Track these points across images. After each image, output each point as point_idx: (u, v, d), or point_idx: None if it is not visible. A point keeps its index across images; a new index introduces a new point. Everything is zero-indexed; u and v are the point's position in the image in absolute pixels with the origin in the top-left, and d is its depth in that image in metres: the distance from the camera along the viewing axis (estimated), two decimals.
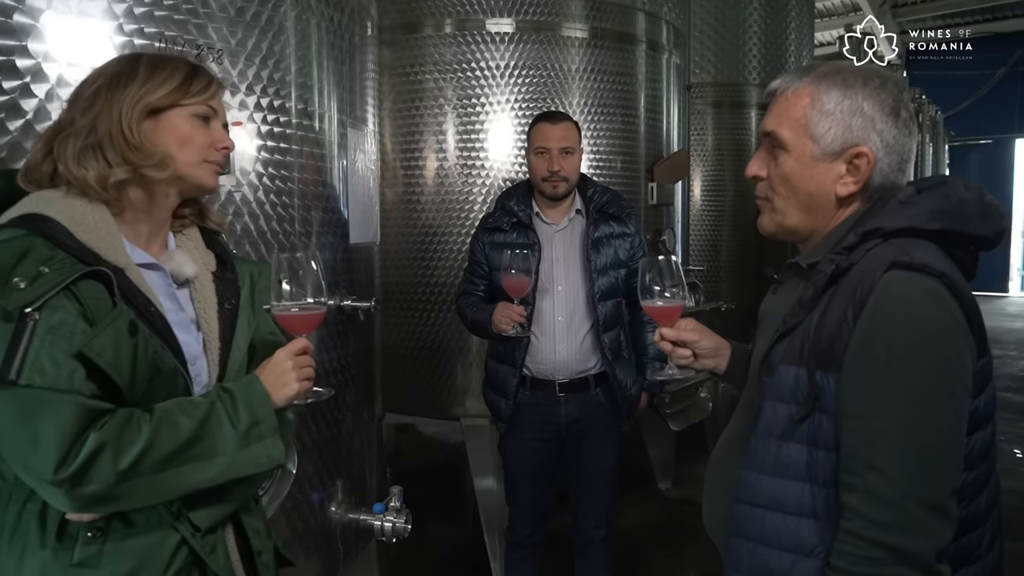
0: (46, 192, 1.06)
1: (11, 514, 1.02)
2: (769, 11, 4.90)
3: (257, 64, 1.64)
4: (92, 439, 0.95)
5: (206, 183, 1.16)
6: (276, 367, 1.13)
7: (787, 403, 1.08)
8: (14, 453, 0.95)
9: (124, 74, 1.09)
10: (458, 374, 3.04)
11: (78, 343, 0.96)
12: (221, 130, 1.17)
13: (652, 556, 3.46)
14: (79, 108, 1.08)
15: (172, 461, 1.00)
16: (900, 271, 1.00)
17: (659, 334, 1.35)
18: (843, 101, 1.10)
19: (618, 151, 3.15)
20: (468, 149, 3.01)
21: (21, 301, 0.93)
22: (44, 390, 0.94)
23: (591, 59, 3.08)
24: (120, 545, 1.04)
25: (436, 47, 2.98)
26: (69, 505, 0.97)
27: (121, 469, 0.96)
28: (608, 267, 2.33)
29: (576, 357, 2.33)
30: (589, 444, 2.39)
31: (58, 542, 1.01)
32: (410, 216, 3.06)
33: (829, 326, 1.04)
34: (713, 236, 4.90)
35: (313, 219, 1.89)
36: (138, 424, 0.99)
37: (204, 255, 1.22)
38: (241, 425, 1.06)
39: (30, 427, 0.93)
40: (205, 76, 1.15)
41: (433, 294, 3.03)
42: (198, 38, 1.49)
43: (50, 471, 0.92)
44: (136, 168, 1.06)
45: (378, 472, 2.32)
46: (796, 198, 1.15)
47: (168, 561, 1.07)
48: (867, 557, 0.98)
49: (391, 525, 2.01)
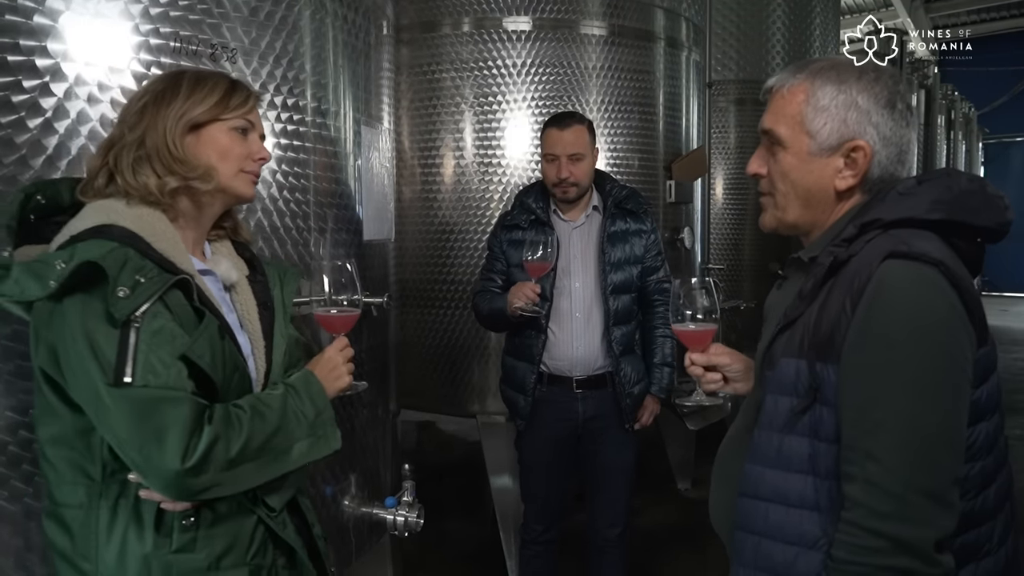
0: (108, 202, 1.13)
1: (104, 511, 1.10)
2: (793, 7, 4.84)
3: (271, 63, 1.66)
4: (207, 432, 1.04)
5: (244, 193, 1.24)
6: (328, 362, 1.26)
7: (788, 396, 1.08)
8: (138, 449, 1.02)
9: (168, 91, 1.17)
10: (475, 372, 3.05)
11: (179, 346, 1.06)
12: (258, 142, 1.25)
13: (671, 557, 3.43)
14: (128, 124, 1.16)
15: (263, 450, 1.11)
16: (897, 260, 1.00)
17: (689, 359, 1.33)
18: (838, 96, 1.11)
19: (636, 149, 3.14)
20: (485, 147, 3.02)
21: (127, 309, 1.02)
22: (161, 389, 1.03)
23: (609, 57, 3.07)
24: (211, 530, 1.14)
25: (454, 46, 3.00)
26: (184, 494, 1.05)
27: (229, 459, 1.06)
28: (623, 262, 2.32)
29: (594, 353, 2.33)
30: (606, 441, 2.39)
31: (157, 533, 1.10)
32: (428, 214, 3.07)
33: (828, 318, 1.04)
34: (735, 235, 4.85)
35: (327, 216, 1.92)
36: (237, 418, 1.09)
37: (237, 261, 1.30)
38: (309, 416, 1.17)
39: (154, 424, 1.01)
40: (243, 91, 1.23)
41: (450, 292, 3.04)
42: (213, 37, 1.51)
43: (177, 462, 1.01)
44: (185, 179, 1.15)
45: (392, 468, 2.34)
46: (795, 193, 1.16)
47: (250, 540, 1.19)
48: (867, 547, 0.98)
49: (403, 519, 2.02)
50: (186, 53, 1.46)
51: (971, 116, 12.84)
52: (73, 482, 1.11)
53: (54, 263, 1.02)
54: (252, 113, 1.23)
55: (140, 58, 1.40)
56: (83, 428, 1.09)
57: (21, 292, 1.03)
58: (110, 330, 1.03)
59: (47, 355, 1.07)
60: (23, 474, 1.30)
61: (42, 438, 1.13)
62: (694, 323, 1.33)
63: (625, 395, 2.35)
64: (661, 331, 2.41)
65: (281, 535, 1.23)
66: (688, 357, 1.33)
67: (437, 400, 3.18)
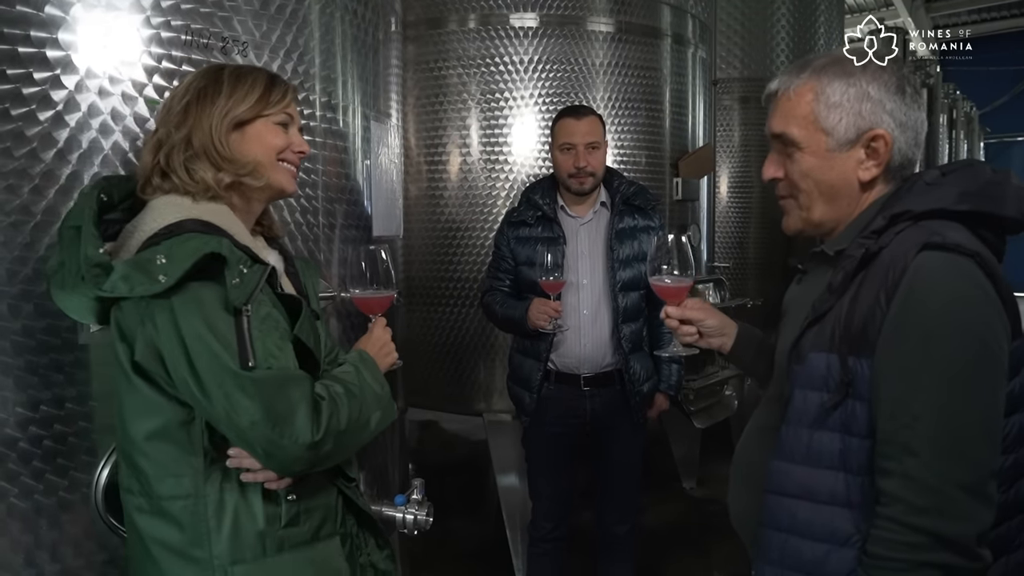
0: (174, 197, 1.16)
1: (212, 498, 1.14)
2: (798, 5, 4.82)
3: (281, 57, 1.65)
4: (325, 407, 1.11)
5: (285, 187, 1.28)
6: (378, 340, 1.35)
7: (818, 391, 1.07)
8: (271, 428, 1.05)
9: (209, 88, 1.19)
10: (481, 370, 3.04)
11: (284, 330, 1.13)
12: (298, 135, 1.28)
13: (676, 555, 3.42)
14: (173, 122, 1.18)
15: (356, 422, 1.16)
16: (933, 251, 1.00)
17: (665, 312, 1.38)
18: (848, 90, 1.11)
19: (643, 146, 3.13)
20: (492, 144, 3.00)
21: (244, 297, 1.07)
22: (283, 370, 1.09)
23: (616, 53, 3.06)
24: (309, 503, 1.21)
25: (460, 42, 2.98)
26: (307, 466, 1.10)
27: (340, 430, 1.12)
28: (631, 259, 2.31)
29: (601, 350, 2.31)
30: (614, 438, 2.38)
31: (267, 510, 1.16)
32: (434, 212, 3.06)
33: (861, 311, 1.03)
34: (740, 233, 4.84)
35: (337, 211, 1.90)
36: (336, 393, 1.15)
37: (275, 253, 1.34)
38: (376, 390, 1.24)
39: (285, 403, 1.06)
40: (282, 85, 1.26)
41: (457, 289, 3.03)
42: (224, 30, 1.50)
43: (308, 436, 1.06)
44: (236, 175, 1.19)
45: (400, 465, 2.32)
46: (819, 191, 1.15)
47: (335, 509, 1.27)
48: (906, 543, 0.97)
49: (412, 517, 2.00)
50: (197, 46, 1.45)
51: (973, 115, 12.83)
52: (177, 474, 1.13)
53: (155, 259, 1.04)
54: (291, 106, 1.26)
55: (151, 51, 1.39)
56: (184, 420, 1.13)
57: (130, 289, 1.05)
58: (228, 318, 1.07)
59: (147, 351, 1.09)
60: (34, 471, 1.29)
61: (137, 435, 1.14)
62: (670, 278, 1.38)
63: (635, 392, 2.33)
64: None
65: (357, 503, 1.31)
66: (664, 310, 1.39)
67: (443, 398, 3.17)
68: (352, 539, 1.32)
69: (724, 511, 1.34)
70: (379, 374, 1.28)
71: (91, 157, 1.33)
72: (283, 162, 1.25)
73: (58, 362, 1.30)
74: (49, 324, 1.28)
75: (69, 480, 1.33)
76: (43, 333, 1.28)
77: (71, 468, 1.33)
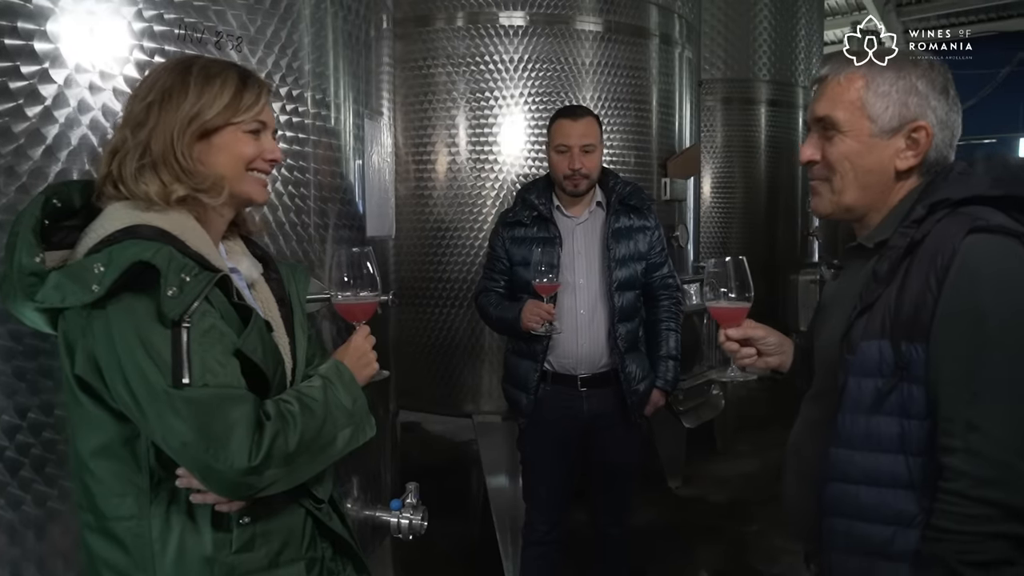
0: (129, 203, 1.08)
1: (156, 520, 1.07)
2: (779, 7, 4.88)
3: (276, 52, 1.61)
4: (269, 428, 1.02)
5: (255, 197, 1.20)
6: (357, 350, 1.25)
7: (873, 377, 1.10)
8: (203, 450, 0.98)
9: (175, 89, 1.10)
10: (470, 371, 3.01)
11: (230, 343, 1.04)
12: (270, 140, 1.20)
13: (663, 554, 3.43)
14: (131, 124, 1.10)
15: (314, 443, 1.08)
16: (980, 234, 1.03)
17: (724, 335, 1.34)
18: (897, 81, 1.15)
19: (631, 146, 3.12)
20: (480, 144, 2.98)
21: (179, 309, 0.99)
22: (222, 388, 1.00)
23: (604, 53, 3.05)
24: (267, 526, 1.13)
25: (448, 40, 2.95)
26: (247, 492, 1.02)
27: (288, 453, 1.04)
28: (628, 259, 2.30)
29: (598, 351, 2.30)
30: (610, 439, 2.37)
31: (215, 534, 1.08)
32: (422, 211, 3.03)
33: (910, 296, 1.06)
34: (723, 233, 4.88)
35: (330, 211, 1.86)
36: (289, 412, 1.07)
37: (251, 259, 1.26)
38: (347, 405, 1.16)
39: (220, 423, 0.98)
40: (255, 86, 1.15)
41: (445, 290, 3.00)
42: (218, 25, 1.46)
43: (244, 461, 0.98)
44: (193, 189, 1.10)
45: (393, 469, 2.29)
46: (855, 175, 1.18)
47: (302, 532, 1.19)
48: (974, 515, 0.99)
49: (407, 522, 1.97)
50: (192, 41, 1.41)
51: None
52: (121, 493, 1.07)
53: (92, 267, 0.98)
54: (264, 111, 1.17)
55: (144, 45, 1.34)
56: (128, 436, 1.06)
57: (62, 299, 0.99)
58: (163, 331, 0.99)
59: (86, 363, 1.02)
60: (22, 481, 1.25)
61: (83, 451, 1.08)
62: (727, 300, 1.34)
63: (631, 392, 2.32)
64: (665, 325, 2.41)
65: (329, 525, 1.23)
66: (723, 333, 1.34)
67: (431, 400, 3.14)
68: (323, 564, 1.23)
69: (709, 510, 1.36)
70: (355, 387, 1.19)
71: (81, 155, 1.28)
72: (253, 171, 1.16)
73: (47, 367, 1.25)
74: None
75: (58, 489, 1.28)
76: (31, 337, 1.23)
77: (60, 477, 1.28)
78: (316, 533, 1.22)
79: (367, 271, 1.36)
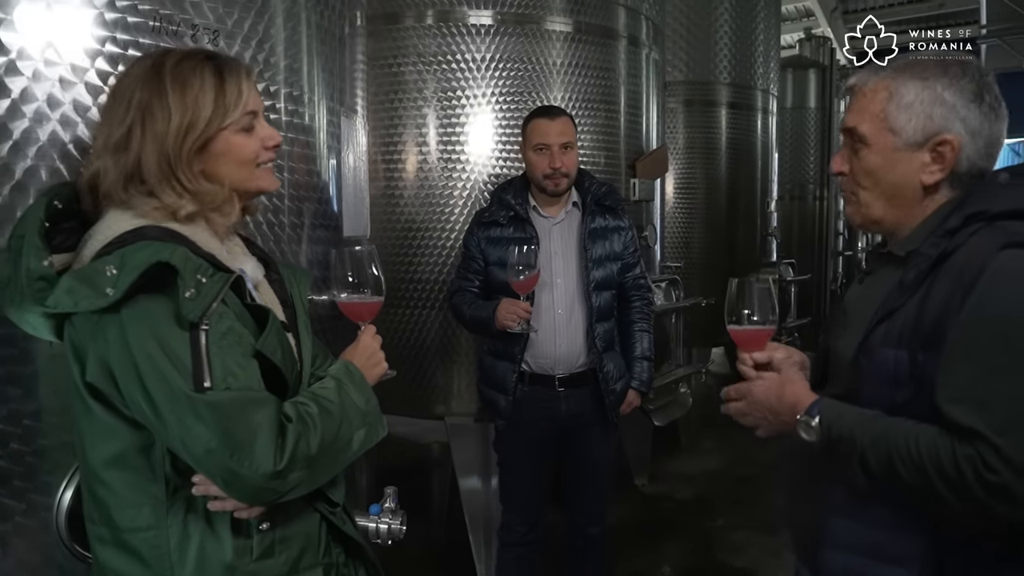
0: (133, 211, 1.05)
1: (174, 529, 1.04)
2: (739, 12, 4.97)
3: (254, 47, 1.56)
4: (291, 431, 1.00)
5: (267, 187, 1.18)
6: (366, 350, 1.24)
7: (888, 386, 1.08)
8: (229, 456, 0.95)
9: (153, 103, 1.04)
10: (442, 372, 2.98)
11: (248, 345, 1.02)
12: (265, 127, 1.15)
13: (628, 552, 3.46)
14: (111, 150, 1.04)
15: (333, 444, 1.06)
16: (1015, 250, 1.00)
17: (746, 358, 1.28)
18: (922, 92, 1.11)
19: (601, 147, 3.14)
20: (449, 143, 2.95)
21: (198, 311, 0.96)
22: (244, 391, 0.98)
23: (573, 53, 3.05)
24: (286, 532, 1.11)
25: (419, 38, 2.92)
26: (270, 497, 1.00)
27: (310, 456, 1.01)
28: (604, 259, 2.31)
29: (576, 351, 2.31)
30: (587, 438, 2.37)
31: (236, 542, 1.06)
32: (391, 212, 2.99)
33: (933, 309, 1.04)
34: (685, 233, 4.94)
35: (304, 211, 1.82)
36: (308, 414, 1.04)
37: (254, 260, 1.22)
38: (361, 406, 1.14)
39: (245, 428, 0.96)
40: (235, 77, 1.10)
41: (415, 291, 2.96)
42: (194, 17, 1.40)
43: (270, 465, 0.96)
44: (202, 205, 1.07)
45: (368, 473, 2.25)
46: (880, 190, 1.16)
47: (318, 538, 1.17)
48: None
49: (386, 527, 1.93)
50: (167, 33, 1.35)
51: None
52: (137, 504, 1.03)
53: (104, 270, 0.94)
54: (251, 99, 1.11)
55: (117, 37, 1.28)
56: (143, 445, 1.02)
57: (75, 303, 0.94)
58: (182, 334, 0.96)
59: (98, 370, 0.98)
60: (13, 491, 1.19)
61: (95, 461, 1.04)
62: (750, 323, 1.29)
63: (609, 391, 2.33)
64: (638, 325, 2.42)
65: (343, 529, 1.21)
66: (743, 357, 1.28)
67: (401, 402, 3.09)
68: (338, 569, 1.22)
69: (675, 507, 1.37)
70: (366, 387, 1.18)
71: (51, 151, 1.22)
72: (259, 164, 1.14)
73: (15, 374, 1.19)
74: (5, 333, 1.17)
75: (27, 504, 1.21)
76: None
77: (29, 491, 1.21)
78: (329, 538, 1.21)
79: (372, 271, 1.36)
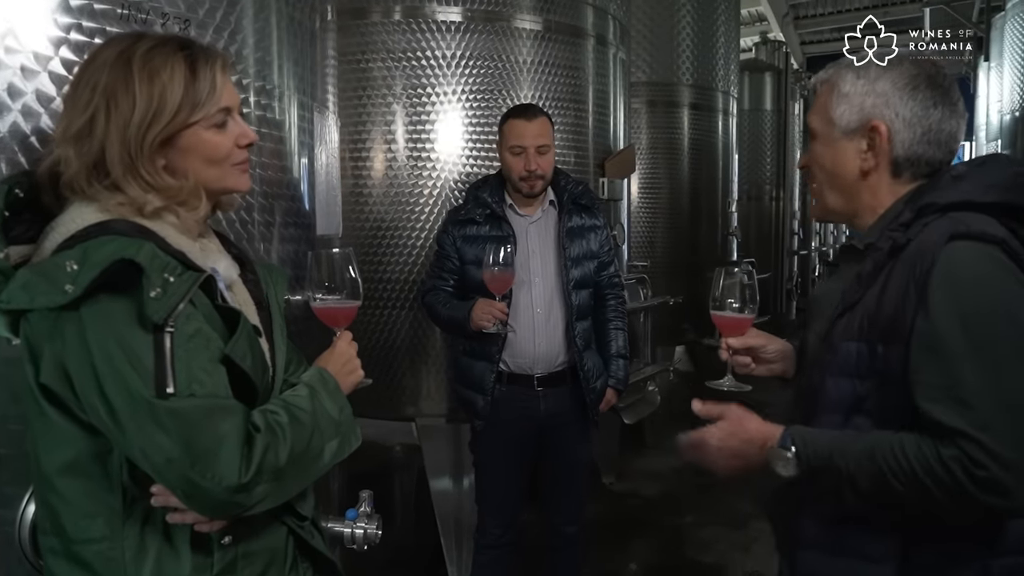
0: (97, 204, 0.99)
1: (130, 542, 0.98)
2: (700, 14, 5.04)
3: (226, 38, 1.51)
4: (259, 441, 0.95)
5: (238, 187, 1.12)
6: (341, 356, 1.19)
7: (850, 378, 1.10)
8: (190, 466, 0.90)
9: (118, 90, 0.98)
10: (411, 374, 2.94)
11: (216, 349, 0.97)
12: (239, 124, 1.09)
13: (598, 550, 3.47)
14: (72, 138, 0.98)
15: (304, 455, 1.02)
16: (960, 241, 1.03)
17: (725, 343, 1.36)
18: (857, 83, 1.18)
19: (570, 146, 3.13)
20: (417, 141, 2.91)
21: (163, 311, 0.91)
22: (210, 398, 0.93)
23: (542, 52, 3.04)
24: (249, 547, 1.06)
25: (387, 34, 2.87)
26: (233, 511, 0.95)
27: (278, 468, 0.97)
28: (581, 257, 2.31)
29: (555, 349, 2.30)
30: (566, 437, 2.36)
31: (195, 558, 1.00)
32: (359, 210, 2.93)
33: (890, 300, 1.07)
34: (649, 232, 4.99)
35: (275, 208, 1.77)
36: (278, 424, 0.99)
37: (228, 259, 1.15)
38: (334, 415, 1.09)
39: (209, 437, 0.91)
40: (208, 67, 1.04)
41: (384, 291, 2.91)
42: (164, 6, 1.35)
43: (234, 477, 0.91)
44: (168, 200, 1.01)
45: (340, 477, 2.20)
46: (826, 179, 1.23)
47: (285, 553, 1.12)
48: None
49: (362, 532, 1.89)
50: (136, 21, 1.29)
51: None
52: (90, 514, 0.97)
53: (64, 265, 0.87)
54: (225, 94, 1.05)
55: (83, 24, 1.22)
56: (98, 452, 0.95)
57: (31, 300, 0.88)
58: (145, 336, 0.90)
59: (54, 371, 0.92)
60: None
61: (48, 468, 0.97)
62: (731, 311, 1.37)
63: (589, 390, 2.32)
64: (614, 324, 2.42)
65: (312, 544, 1.17)
66: (724, 342, 1.36)
67: (370, 404, 3.03)
68: None
69: (643, 504, 1.39)
70: (340, 396, 1.13)
71: (11, 143, 1.15)
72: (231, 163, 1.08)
73: None
74: None
75: None
76: None
77: None
78: (296, 553, 1.16)
79: (349, 274, 1.28)
